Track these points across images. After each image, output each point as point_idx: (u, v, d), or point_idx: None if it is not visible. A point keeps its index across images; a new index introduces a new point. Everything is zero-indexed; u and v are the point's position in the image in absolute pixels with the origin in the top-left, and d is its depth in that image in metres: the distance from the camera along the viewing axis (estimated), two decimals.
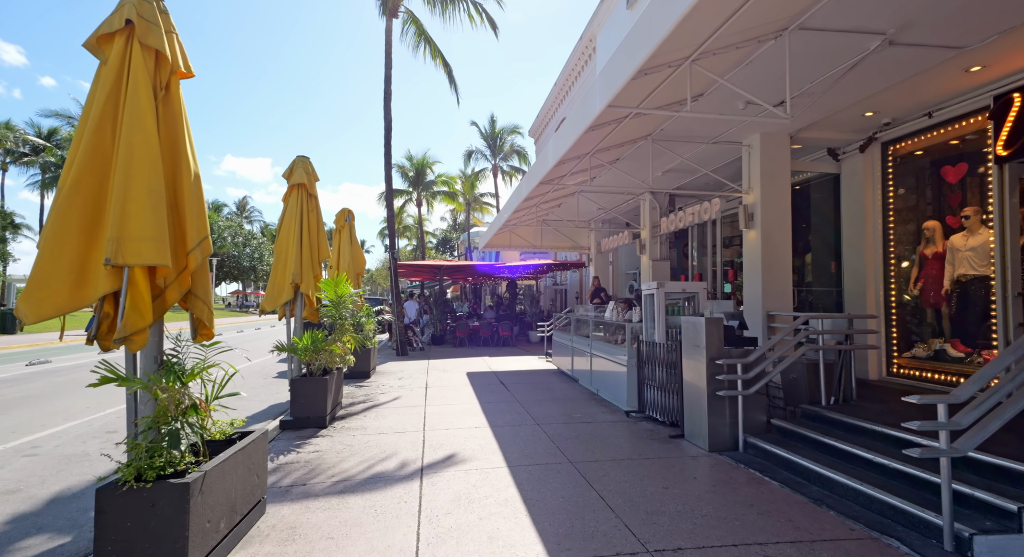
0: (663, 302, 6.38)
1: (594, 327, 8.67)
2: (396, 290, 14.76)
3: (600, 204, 11.14)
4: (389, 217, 14.65)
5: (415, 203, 37.65)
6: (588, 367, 8.72)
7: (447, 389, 9.04)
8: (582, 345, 9.14)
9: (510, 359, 13.42)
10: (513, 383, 9.61)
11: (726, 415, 5.12)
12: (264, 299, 6.79)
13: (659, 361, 6.21)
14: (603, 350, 8.00)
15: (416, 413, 7.14)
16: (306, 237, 6.88)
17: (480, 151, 33.87)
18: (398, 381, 10.03)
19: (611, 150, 7.33)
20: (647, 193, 10.70)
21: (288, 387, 6.61)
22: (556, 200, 11.06)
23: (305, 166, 7.01)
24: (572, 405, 7.57)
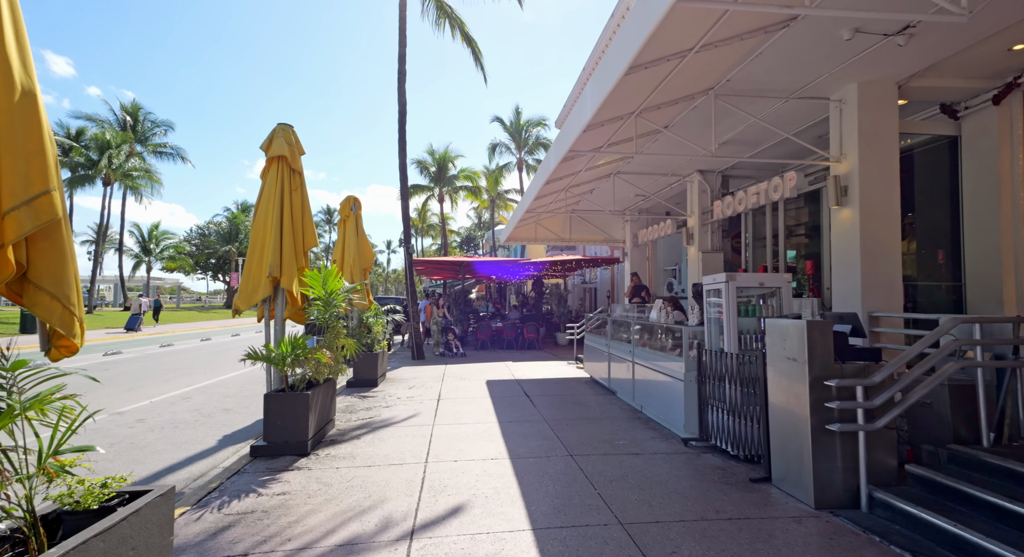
0: (734, 300, 4.92)
1: (637, 331, 7.24)
2: (412, 288, 13.56)
3: (640, 188, 9.67)
4: (404, 208, 13.46)
5: (437, 199, 36.52)
6: (629, 377, 7.29)
7: (462, 402, 7.73)
8: (621, 352, 7.71)
9: (535, 365, 12.05)
10: (539, 395, 8.24)
11: (838, 457, 3.65)
12: (237, 296, 5.59)
13: (730, 376, 4.76)
14: (649, 359, 6.57)
15: (421, 435, 5.85)
16: (288, 221, 5.66)
17: (504, 144, 32.55)
18: (408, 390, 8.78)
19: (662, 109, 5.88)
20: (695, 174, 9.20)
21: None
22: (588, 183, 9.64)
23: (287, 135, 5.78)
24: (612, 427, 6.16)
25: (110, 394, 8.66)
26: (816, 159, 6.07)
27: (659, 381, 6.19)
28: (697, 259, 9.22)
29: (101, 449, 2.53)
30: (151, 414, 7.27)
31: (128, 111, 34.16)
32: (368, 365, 9.27)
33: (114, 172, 30.80)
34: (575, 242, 13.39)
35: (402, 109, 13.33)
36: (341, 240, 9.83)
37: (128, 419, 6.97)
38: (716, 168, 9.07)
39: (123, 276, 38.50)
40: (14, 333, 20.53)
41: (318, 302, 5.98)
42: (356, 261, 9.60)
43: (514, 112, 31.95)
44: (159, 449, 5.65)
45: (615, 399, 7.86)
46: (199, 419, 6.99)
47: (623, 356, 7.58)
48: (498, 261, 18.23)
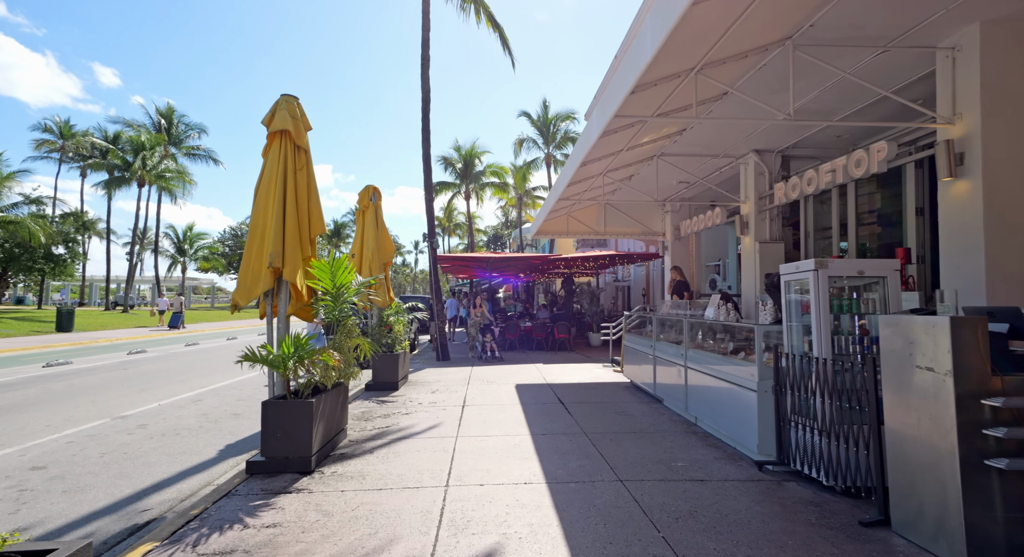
0: (825, 293, 3.96)
1: (689, 331, 6.29)
2: (436, 285, 12.85)
3: (687, 171, 8.69)
4: (428, 201, 12.77)
5: (463, 196, 35.84)
6: (680, 383, 6.37)
7: (490, 409, 6.94)
8: (670, 354, 6.78)
9: (568, 367, 11.17)
10: (575, 402, 7.38)
11: (1001, 504, 2.69)
12: (235, 291, 4.92)
13: (823, 387, 3.82)
14: (707, 363, 5.63)
15: (443, 449, 5.07)
16: (291, 204, 4.96)
17: (532, 139, 31.64)
18: (430, 395, 8.04)
19: (727, 65, 4.94)
20: (751, 154, 8.18)
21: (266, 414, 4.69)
22: (628, 167, 8.72)
23: (290, 107, 5.09)
24: (664, 443, 5.25)
25: (120, 395, 8.20)
26: (923, 122, 5.03)
27: (721, 389, 5.25)
28: (753, 251, 8.19)
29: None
30: (155, 419, 6.71)
31: (163, 114, 34.67)
32: (388, 367, 8.57)
33: (148, 173, 31.23)
34: (609, 235, 12.45)
35: (425, 97, 12.64)
36: (360, 232, 9.16)
37: (130, 424, 6.42)
38: (775, 147, 8.03)
39: (159, 276, 39.22)
40: (50, 331, 20.78)
41: (327, 297, 5.26)
42: (376, 255, 8.92)
43: (541, 106, 31.06)
44: (152, 461, 5.02)
45: (662, 408, 6.94)
46: (204, 425, 6.39)
47: (672, 359, 6.65)
48: (526, 256, 17.40)
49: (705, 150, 8.29)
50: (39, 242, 23.78)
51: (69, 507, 3.92)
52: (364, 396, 8.03)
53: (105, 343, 17.63)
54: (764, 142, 7.84)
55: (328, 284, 5.17)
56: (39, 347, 15.62)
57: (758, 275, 8.07)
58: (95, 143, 30.63)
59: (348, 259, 5.20)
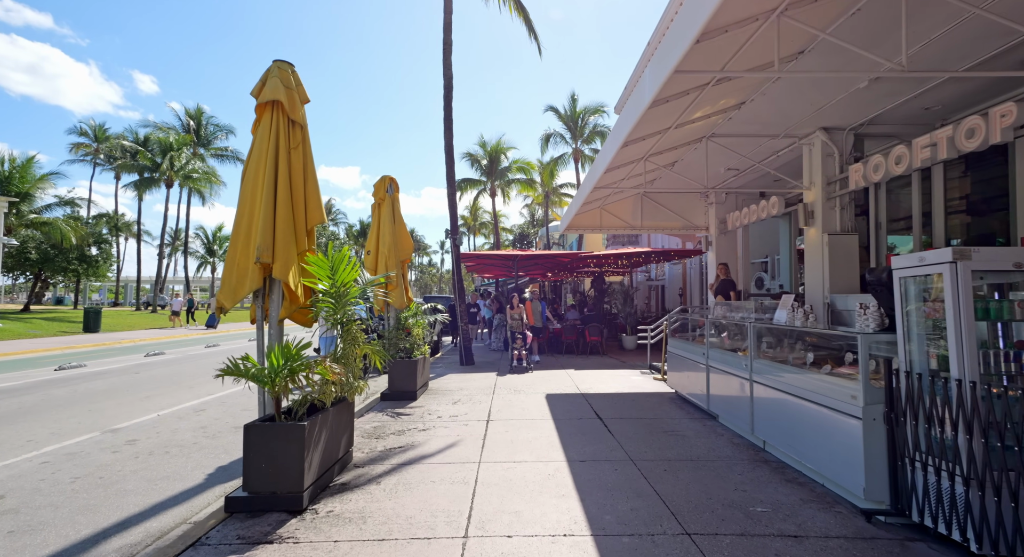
0: (968, 294, 2.97)
1: (755, 336, 5.30)
2: (459, 284, 12.06)
3: (741, 154, 7.64)
4: (450, 194, 11.98)
5: (488, 193, 35.02)
6: (743, 399, 5.39)
7: (518, 425, 6.08)
8: (729, 365, 5.80)
9: (602, 374, 10.23)
10: (615, 417, 6.46)
11: None
12: (219, 290, 4.18)
13: (967, 418, 2.82)
14: (782, 378, 4.65)
15: (463, 480, 4.23)
16: (284, 189, 4.20)
17: (559, 134, 30.61)
18: (451, 406, 7.23)
19: (820, 4, 3.93)
20: (818, 132, 7.10)
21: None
22: (672, 151, 7.74)
23: (283, 75, 4.33)
24: (733, 476, 4.30)
25: (121, 404, 7.65)
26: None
27: (805, 412, 4.26)
28: (820, 244, 7.10)
29: None
30: (150, 432, 6.08)
31: (192, 116, 35.03)
32: (405, 374, 7.80)
33: (176, 173, 31.51)
34: (647, 230, 11.44)
35: (448, 84, 11.87)
36: (375, 227, 8.43)
37: (119, 439, 5.79)
38: (847, 123, 6.93)
39: (188, 277, 39.71)
40: (77, 332, 20.86)
41: (328, 298, 4.48)
42: (392, 251, 8.18)
43: (569, 99, 30.02)
44: (128, 488, 4.33)
45: (719, 428, 5.95)
46: (200, 441, 5.72)
47: (732, 370, 5.67)
48: (555, 254, 16.48)
49: (762, 129, 7.24)
50: (70, 243, 24.02)
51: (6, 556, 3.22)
52: (379, 407, 7.27)
53: (128, 344, 17.47)
54: (834, 118, 6.75)
55: (327, 283, 4.38)
56: (61, 348, 15.48)
57: (827, 272, 6.98)
58: (125, 145, 31.00)
59: (349, 255, 4.39)
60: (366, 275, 5.12)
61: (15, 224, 23.99)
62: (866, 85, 5.57)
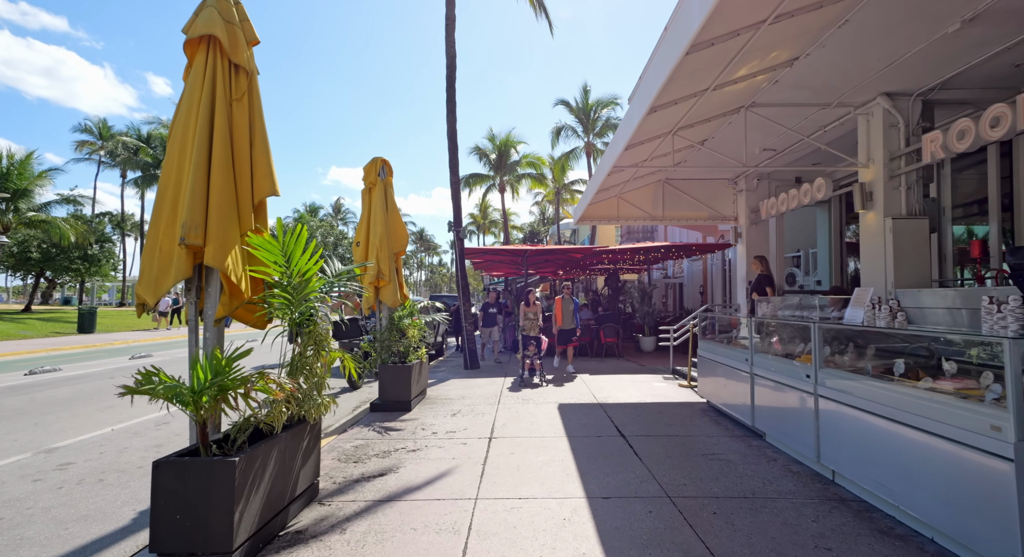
0: None
1: (819, 341, 4.24)
2: (463, 281, 11.10)
3: (784, 126, 6.57)
4: (453, 183, 11.02)
5: (498, 189, 33.97)
6: (803, 417, 4.36)
7: (525, 445, 5.09)
8: (784, 375, 4.76)
9: (621, 380, 9.21)
10: (641, 434, 5.44)
11: None
12: (138, 282, 3.24)
13: None
14: (866, 395, 3.62)
15: (453, 527, 3.26)
16: (222, 150, 3.24)
17: (570, 127, 29.49)
18: (450, 419, 6.26)
19: None
20: (878, 99, 6.03)
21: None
22: (705, 124, 6.70)
23: (223, 5, 3.38)
24: (807, 526, 3.27)
25: (77, 415, 6.78)
26: None
27: (903, 440, 3.23)
28: (882, 231, 6.04)
29: None
30: (92, 453, 5.18)
31: None
32: (398, 382, 6.85)
33: None
34: (668, 220, 10.40)
35: (451, 63, 10.90)
36: (366, 215, 7.48)
37: (51, 462, 4.90)
38: (916, 86, 5.85)
39: None
40: (71, 332, 20.22)
41: (281, 292, 3.51)
42: (384, 243, 7.23)
43: (581, 91, 28.92)
44: (27, 536, 3.41)
45: (767, 448, 4.92)
46: (145, 466, 4.79)
47: (789, 381, 4.63)
48: (567, 249, 15.46)
49: (811, 97, 6.18)
50: (69, 241, 23.43)
51: None
52: (366, 420, 6.32)
53: (120, 345, 16.75)
54: (901, 79, 5.69)
55: (278, 270, 3.42)
56: (46, 350, 14.76)
57: (890, 264, 5.92)
58: (126, 142, 30.42)
59: (303, 228, 3.42)
60: (336, 265, 4.16)
61: (13, 222, 23.46)
62: (956, 29, 4.50)
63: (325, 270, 4.09)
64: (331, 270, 4.09)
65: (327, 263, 4.17)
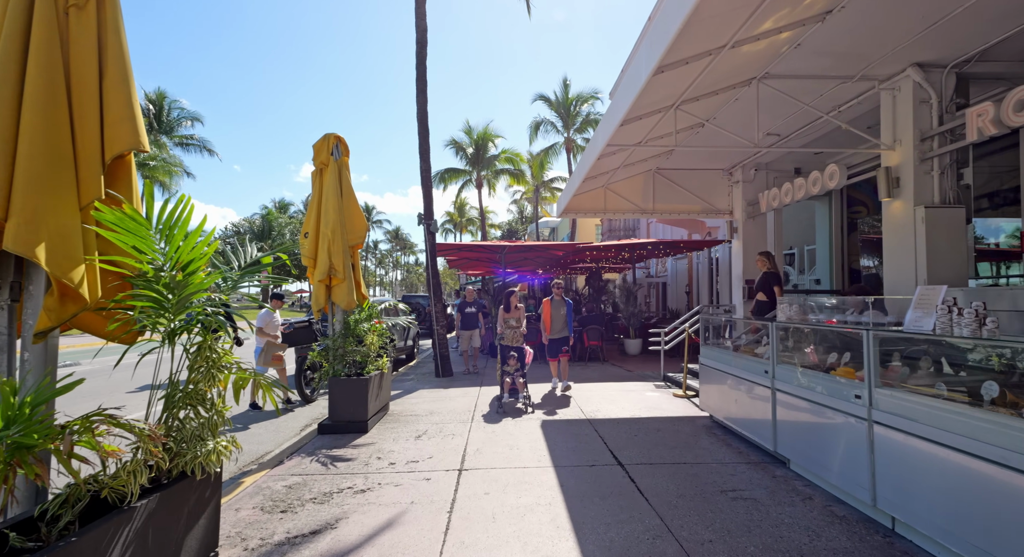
0: None
1: (876, 354, 3.37)
2: (435, 280, 10.07)
3: (800, 101, 5.73)
4: (424, 170, 9.97)
5: (475, 184, 32.80)
6: (851, 444, 3.49)
7: (503, 480, 4.12)
8: (820, 393, 3.89)
9: (608, 389, 8.31)
10: (642, 463, 4.52)
11: None
12: None
13: None
14: (951, 426, 2.75)
15: None
16: (42, 77, 2.17)
17: (550, 122, 28.59)
18: (413, 444, 5.25)
19: None
20: (909, 71, 5.25)
21: None
22: (713, 96, 5.82)
23: None
24: None
25: None
26: None
27: (1011, 494, 2.36)
28: (911, 223, 5.25)
29: None
30: None
31: (152, 100, 32.38)
32: (352, 398, 5.80)
33: None
34: (659, 213, 9.55)
35: (421, 38, 9.85)
36: (316, 200, 6.41)
37: None
38: (953, 56, 5.08)
39: None
40: None
41: (147, 289, 2.44)
42: (338, 233, 6.17)
43: (561, 85, 28.03)
44: None
45: (795, 479, 4.05)
46: None
47: (828, 402, 3.76)
48: (548, 245, 14.53)
49: (833, 66, 5.36)
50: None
51: None
52: (311, 446, 5.26)
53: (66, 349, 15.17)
54: (938, 47, 4.90)
55: (152, 256, 2.35)
56: None
57: (922, 260, 5.14)
58: None
59: (188, 201, 2.37)
60: (253, 253, 3.12)
61: None
62: None
63: (232, 260, 3.05)
64: (242, 259, 3.04)
65: (238, 251, 3.13)
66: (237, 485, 4.19)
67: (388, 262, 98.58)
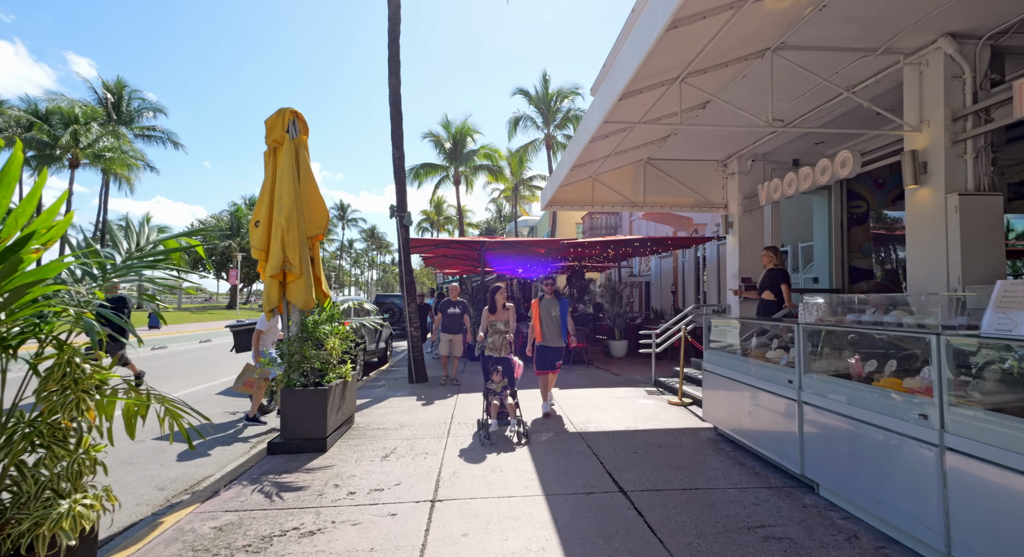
0: None
1: (947, 366, 2.75)
2: (408, 277, 9.27)
3: (817, 75, 5.12)
4: (396, 159, 9.16)
5: (452, 181, 31.84)
6: (915, 475, 2.87)
7: (485, 515, 3.38)
8: (865, 410, 3.27)
9: (595, 395, 7.66)
10: (648, 489, 3.84)
11: None
12: None
13: None
14: None
15: None
16: None
17: (529, 118, 27.89)
18: (378, 467, 4.47)
19: None
20: (941, 42, 4.70)
21: None
22: (722, 68, 5.20)
23: None
24: None
25: None
26: None
27: None
28: (942, 212, 4.70)
29: None
30: None
31: (111, 89, 30.54)
32: (308, 412, 4.99)
33: (82, 151, 27.10)
34: (651, 205, 8.94)
35: (394, 14, 9.05)
36: (268, 184, 5.58)
37: None
38: (989, 26, 4.54)
39: None
40: None
41: None
42: (294, 222, 5.36)
43: (541, 80, 27.35)
44: None
45: (828, 508, 3.42)
46: None
47: (878, 422, 3.14)
48: (530, 241, 13.84)
49: (857, 36, 4.78)
50: None
51: None
52: (258, 470, 4.44)
53: None
54: (975, 13, 4.37)
55: None
56: None
57: (957, 254, 4.59)
58: (16, 116, 26.29)
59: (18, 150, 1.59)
60: (145, 231, 2.33)
61: None
62: None
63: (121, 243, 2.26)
64: (134, 243, 2.25)
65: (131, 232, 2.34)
66: (154, 527, 3.36)
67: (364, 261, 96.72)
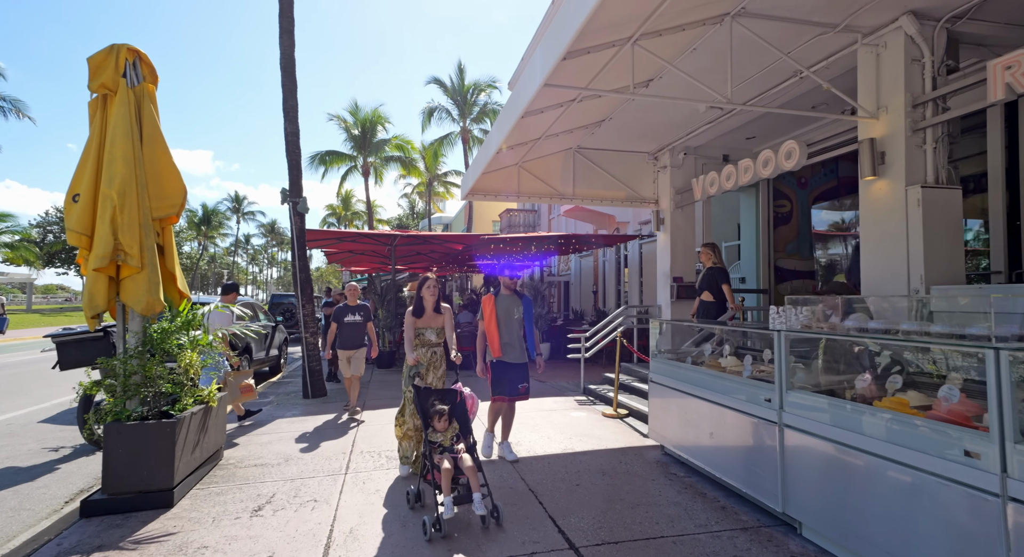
0: None
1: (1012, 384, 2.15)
2: (304, 273, 7.85)
3: (775, 47, 4.60)
4: (290, 133, 7.70)
5: (361, 172, 29.60)
6: (966, 538, 2.24)
7: None
8: (879, 441, 2.64)
9: (523, 406, 6.79)
10: (600, 541, 3.00)
11: None
12: None
13: None
14: None
15: None
16: None
17: (445, 109, 26.60)
18: (246, 527, 3.22)
19: None
20: (902, 20, 4.36)
21: None
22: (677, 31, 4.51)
23: None
24: None
25: None
26: None
27: None
28: (902, 206, 4.36)
29: None
30: None
31: None
32: (149, 455, 3.61)
33: None
34: (580, 198, 8.27)
35: None
36: (94, 144, 4.10)
37: None
38: (949, 7, 4.24)
39: None
40: None
41: None
42: (132, 196, 3.97)
43: (456, 70, 26.18)
44: None
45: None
46: None
47: (902, 459, 2.52)
48: (448, 236, 12.74)
49: (817, 9, 4.30)
50: None
51: None
52: (49, 551, 3.02)
53: None
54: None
55: None
56: None
57: (919, 250, 4.25)
58: None
59: None
60: None
61: None
62: None
63: None
64: None
65: None
66: None
67: (263, 258, 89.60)
